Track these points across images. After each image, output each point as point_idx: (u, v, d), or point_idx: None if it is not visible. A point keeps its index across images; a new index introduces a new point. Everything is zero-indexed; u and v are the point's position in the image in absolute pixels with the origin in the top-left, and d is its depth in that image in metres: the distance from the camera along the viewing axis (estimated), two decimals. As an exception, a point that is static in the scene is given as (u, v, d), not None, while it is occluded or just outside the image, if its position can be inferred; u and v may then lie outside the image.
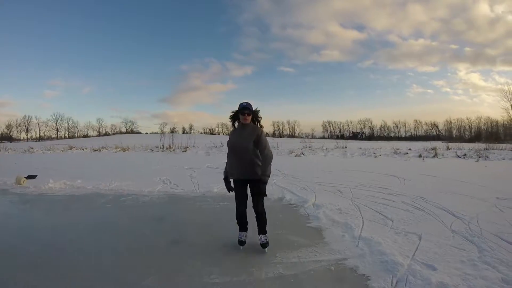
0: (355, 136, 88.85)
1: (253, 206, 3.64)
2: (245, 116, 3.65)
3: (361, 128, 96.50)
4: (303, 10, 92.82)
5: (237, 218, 3.78)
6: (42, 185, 8.14)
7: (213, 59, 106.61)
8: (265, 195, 3.65)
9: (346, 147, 23.49)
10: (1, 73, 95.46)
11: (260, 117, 3.78)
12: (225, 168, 3.83)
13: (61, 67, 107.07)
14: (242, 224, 3.81)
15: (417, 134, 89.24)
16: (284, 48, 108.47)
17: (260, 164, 3.57)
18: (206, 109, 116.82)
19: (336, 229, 4.27)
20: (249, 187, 3.69)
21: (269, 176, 3.65)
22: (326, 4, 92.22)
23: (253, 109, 3.73)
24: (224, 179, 3.83)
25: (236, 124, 3.81)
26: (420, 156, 16.42)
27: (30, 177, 9.35)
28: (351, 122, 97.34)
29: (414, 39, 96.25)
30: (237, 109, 3.73)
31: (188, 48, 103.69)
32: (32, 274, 3.06)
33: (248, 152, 3.54)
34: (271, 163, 3.70)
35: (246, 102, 3.68)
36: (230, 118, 3.82)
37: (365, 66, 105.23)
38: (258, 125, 3.76)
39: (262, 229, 3.72)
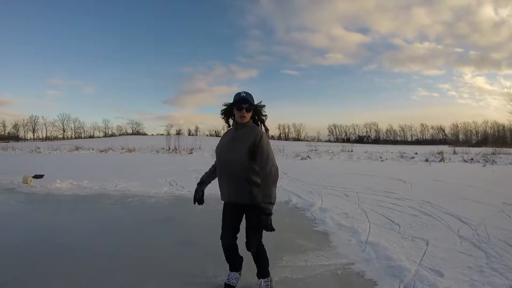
0: (361, 140, 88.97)
1: (246, 243, 2.65)
2: (242, 112, 2.53)
3: (367, 132, 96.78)
4: (307, 13, 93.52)
5: (224, 252, 2.77)
6: (49, 185, 8.27)
7: (217, 61, 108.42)
8: (272, 229, 2.41)
9: (352, 151, 23.55)
10: (7, 72, 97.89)
11: (265, 115, 2.69)
12: (205, 172, 2.90)
13: (66, 66, 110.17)
14: (231, 262, 2.82)
15: (424, 138, 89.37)
16: (288, 51, 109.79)
17: (260, 183, 2.46)
18: (211, 111, 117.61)
19: (343, 233, 4.25)
20: (245, 216, 2.65)
21: (273, 204, 2.42)
22: (329, 7, 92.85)
23: (255, 102, 2.64)
24: (197, 183, 2.88)
25: (231, 122, 2.75)
26: (426, 160, 16.38)
27: (37, 176, 9.48)
28: (357, 126, 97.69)
29: (419, 42, 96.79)
30: (232, 101, 2.64)
31: (192, 50, 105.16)
32: (37, 274, 3.08)
33: (239, 164, 2.47)
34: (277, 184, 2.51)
35: (244, 92, 2.57)
36: (221, 114, 2.74)
37: (370, 70, 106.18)
38: (261, 127, 2.68)
39: (261, 272, 2.75)
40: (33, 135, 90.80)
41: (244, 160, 2.46)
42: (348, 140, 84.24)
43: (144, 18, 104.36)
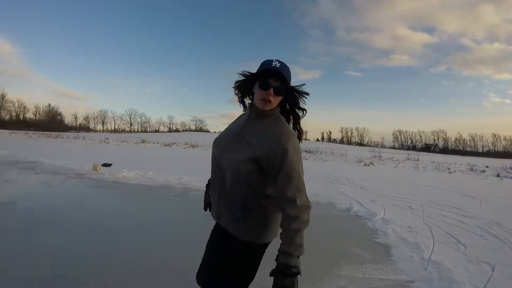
0: (427, 148, 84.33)
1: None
2: (269, 92, 1.50)
3: (434, 140, 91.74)
4: (368, 13, 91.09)
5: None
6: (116, 173, 9.05)
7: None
8: None
9: (417, 160, 22.48)
10: (84, 72, 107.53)
11: (304, 109, 1.65)
12: None
13: (136, 65, 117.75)
14: None
15: (495, 149, 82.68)
16: (351, 51, 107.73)
17: (267, 208, 1.59)
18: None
19: (405, 248, 4.18)
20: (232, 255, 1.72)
21: (299, 256, 1.44)
22: (391, 6, 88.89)
23: (292, 84, 1.60)
24: (206, 185, 2.05)
25: (247, 104, 1.73)
26: (498, 175, 15.17)
27: (106, 165, 10.45)
28: (423, 133, 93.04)
29: (489, 43, 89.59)
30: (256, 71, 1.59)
31: (255, 51, 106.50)
32: (96, 258, 3.33)
33: (237, 176, 1.53)
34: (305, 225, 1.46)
35: (278, 62, 1.52)
36: (234, 89, 1.70)
37: (437, 72, 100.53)
38: (296, 127, 1.66)
39: None
40: (102, 127, 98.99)
41: (246, 172, 1.51)
42: (413, 148, 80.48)
43: (211, 21, 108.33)
